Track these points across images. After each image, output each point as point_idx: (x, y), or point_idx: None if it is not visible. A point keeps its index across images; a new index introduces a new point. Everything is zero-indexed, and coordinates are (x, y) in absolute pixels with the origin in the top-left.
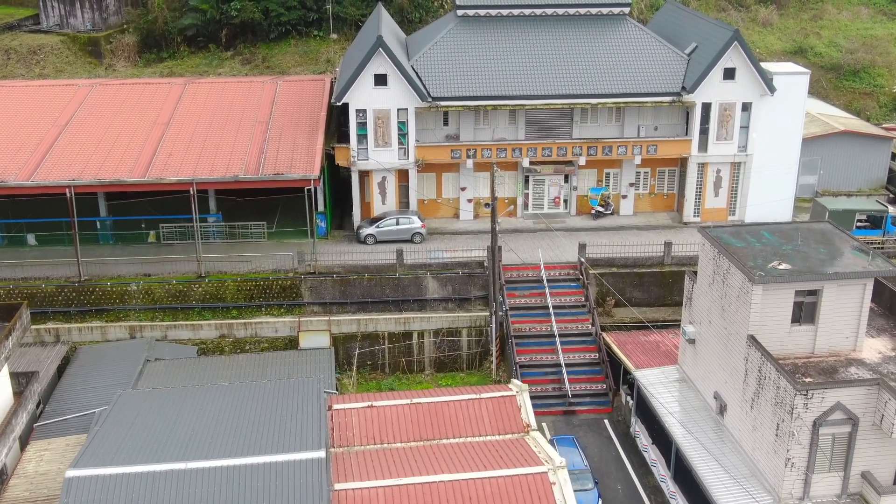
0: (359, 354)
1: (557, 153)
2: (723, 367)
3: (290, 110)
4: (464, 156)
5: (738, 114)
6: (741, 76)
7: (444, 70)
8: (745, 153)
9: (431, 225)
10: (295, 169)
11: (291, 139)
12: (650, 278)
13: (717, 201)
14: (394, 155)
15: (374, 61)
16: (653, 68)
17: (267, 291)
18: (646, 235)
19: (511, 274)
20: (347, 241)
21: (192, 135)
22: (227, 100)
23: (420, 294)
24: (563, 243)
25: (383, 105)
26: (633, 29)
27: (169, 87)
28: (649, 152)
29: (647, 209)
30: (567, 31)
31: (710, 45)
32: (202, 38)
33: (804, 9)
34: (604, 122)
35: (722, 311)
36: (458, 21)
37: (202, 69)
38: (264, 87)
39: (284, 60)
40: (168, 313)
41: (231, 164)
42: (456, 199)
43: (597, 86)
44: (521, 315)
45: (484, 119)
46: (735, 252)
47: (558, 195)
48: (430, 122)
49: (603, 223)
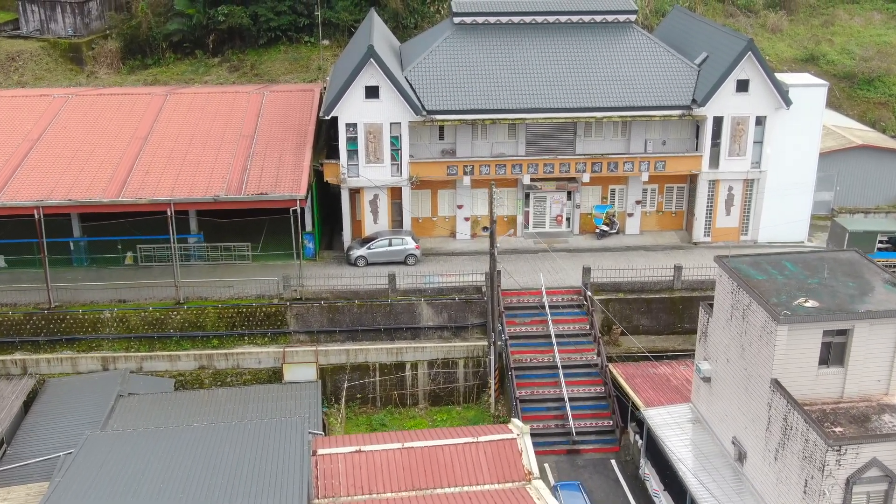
0: (348, 388)
1: (560, 169)
2: (742, 412)
3: (277, 123)
4: (460, 172)
5: (751, 128)
6: (755, 88)
7: (439, 81)
8: (758, 169)
9: (426, 245)
10: (280, 188)
11: (277, 155)
12: (659, 304)
13: (729, 220)
14: (386, 171)
15: (365, 72)
16: (661, 80)
17: (250, 319)
18: (653, 257)
19: (511, 300)
20: (337, 262)
21: (171, 150)
22: (210, 112)
23: (414, 321)
24: (565, 266)
25: (375, 119)
26: (639, 37)
27: (149, 99)
28: (657, 169)
29: (654, 228)
30: (570, 40)
31: (722, 55)
32: (188, 44)
33: (814, 14)
34: (609, 136)
35: (741, 349)
36: (454, 29)
37: (188, 76)
38: (250, 97)
39: (274, 68)
40: (144, 343)
41: (212, 183)
42: (452, 218)
43: (602, 98)
44: (522, 344)
45: (482, 133)
46: (756, 286)
47: (560, 213)
48: (424, 137)
49: (608, 243)
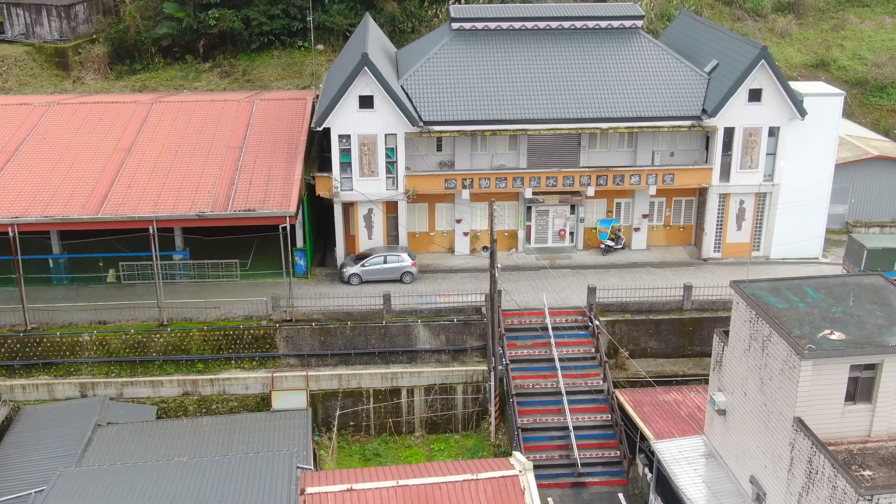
0: (340, 415)
1: (563, 183)
2: (762, 449)
3: (267, 133)
4: (459, 186)
5: (764, 139)
6: (768, 98)
7: (436, 90)
8: (771, 183)
9: (423, 261)
10: (269, 204)
11: (267, 168)
12: (668, 326)
13: (740, 235)
14: (381, 185)
15: (358, 81)
16: (670, 89)
17: (237, 342)
18: (661, 274)
19: (512, 321)
20: (329, 280)
21: (155, 163)
22: (197, 121)
23: (410, 344)
24: (569, 284)
25: (369, 130)
26: (646, 44)
27: (134, 107)
28: (665, 182)
29: (661, 243)
30: (574, 47)
31: (733, 63)
32: (178, 48)
33: (824, 18)
34: (614, 147)
35: (761, 383)
36: (452, 35)
37: (177, 82)
38: (239, 106)
39: (266, 73)
40: (125, 367)
41: (197, 199)
42: (451, 233)
43: (607, 108)
44: (524, 369)
45: (481, 144)
46: (777, 316)
47: (563, 228)
48: (421, 148)
49: (613, 259)
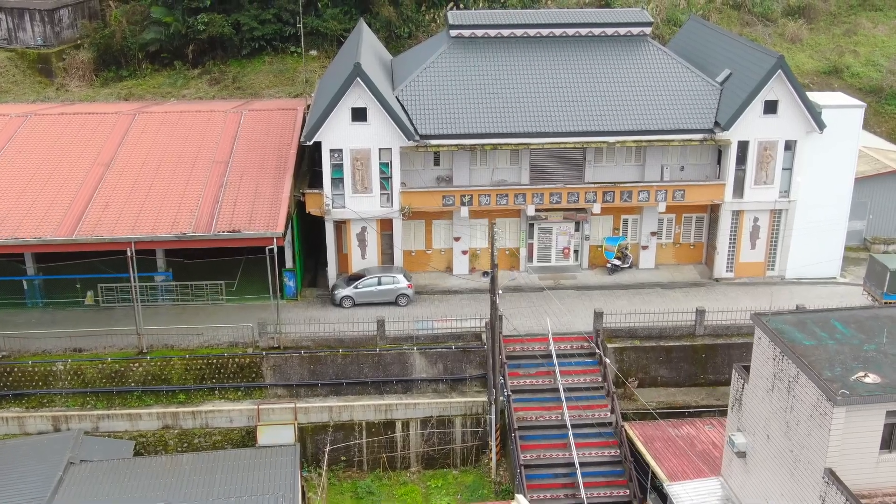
0: (330, 450)
1: (568, 199)
2: (787, 499)
3: (255, 147)
4: (458, 202)
5: (780, 154)
6: (785, 110)
7: (434, 102)
8: (787, 199)
9: (420, 282)
10: (255, 224)
11: (254, 184)
12: (679, 353)
13: (754, 254)
14: (375, 202)
15: (351, 93)
16: (680, 100)
17: (221, 371)
18: (671, 296)
19: (514, 347)
20: (320, 302)
21: (136, 179)
22: (181, 133)
23: (405, 373)
24: (574, 306)
25: (362, 144)
26: (655, 52)
27: (115, 119)
28: (675, 198)
29: (671, 261)
30: (579, 56)
31: (747, 73)
32: (166, 54)
33: (836, 23)
34: (621, 161)
35: (786, 427)
36: (450, 43)
37: (165, 90)
38: (226, 117)
39: (257, 80)
40: (101, 399)
41: (179, 218)
42: (448, 251)
43: (614, 121)
44: (526, 400)
45: (481, 159)
46: (805, 355)
47: (568, 246)
48: (417, 163)
49: (620, 279)
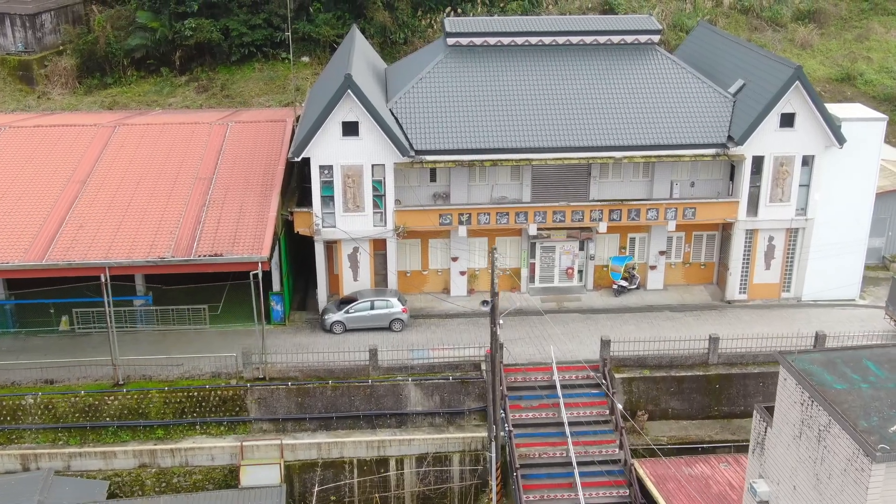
0: (319, 490)
1: (572, 218)
2: None
3: (241, 161)
4: (455, 221)
5: (796, 169)
6: (802, 123)
7: (430, 115)
8: (804, 217)
9: (416, 304)
10: (239, 247)
11: (238, 203)
12: (692, 383)
13: (769, 275)
14: (367, 221)
15: (341, 106)
16: (691, 113)
17: (203, 404)
18: (681, 321)
19: (515, 378)
20: (310, 328)
21: (113, 197)
22: (163, 147)
23: (399, 406)
24: (578, 331)
25: (354, 160)
26: (664, 62)
27: (94, 131)
28: (686, 216)
29: (680, 281)
30: (583, 66)
31: (763, 84)
32: (152, 61)
33: (847, 27)
34: (629, 177)
35: (816, 479)
36: (447, 52)
37: (151, 98)
38: (211, 130)
39: (247, 88)
40: (74, 434)
41: (157, 241)
42: (446, 272)
43: (622, 135)
44: (529, 435)
45: (480, 175)
46: (837, 401)
47: (571, 266)
48: (412, 179)
49: (627, 301)
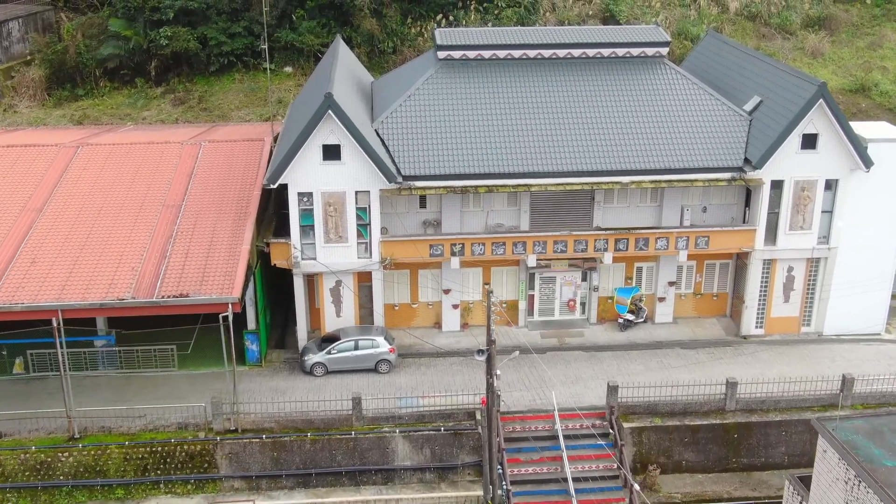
0: None
1: (574, 248)
2: None
3: (214, 186)
4: (447, 252)
5: (819, 194)
6: (826, 145)
7: (419, 136)
8: (826, 246)
9: (404, 341)
10: (207, 286)
11: (209, 234)
12: (707, 433)
13: (788, 308)
14: (351, 252)
15: (322, 128)
16: (704, 133)
17: (167, 460)
18: (693, 359)
19: (513, 427)
20: (288, 369)
21: (71, 227)
22: (130, 169)
23: (386, 461)
24: (582, 371)
25: (336, 187)
26: (673, 76)
27: (55, 153)
28: (699, 246)
29: (690, 313)
30: (586, 81)
31: (782, 102)
32: (126, 71)
33: (858, 34)
34: (636, 202)
35: None
36: (438, 66)
37: (124, 111)
38: (182, 150)
39: (226, 100)
40: (23, 495)
41: (117, 279)
42: (437, 304)
43: (629, 158)
44: (529, 493)
45: (474, 200)
46: (889, 482)
47: (573, 298)
48: (400, 205)
49: (634, 336)
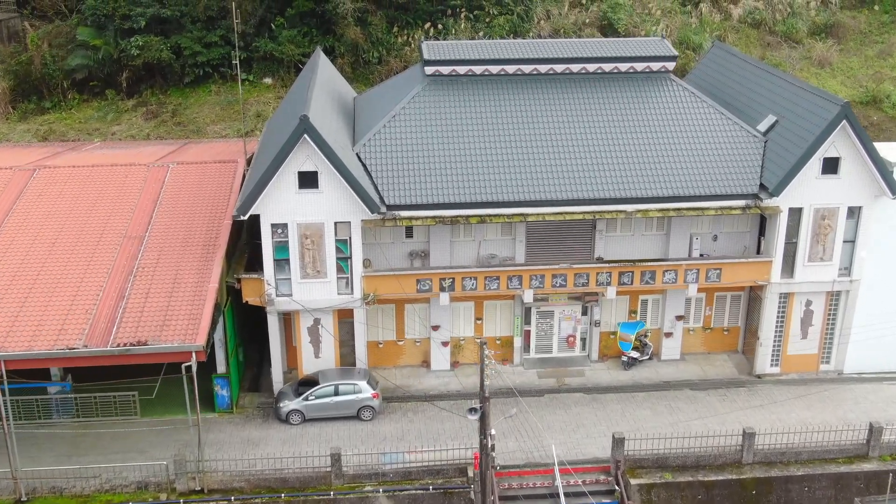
0: None
1: (575, 282)
2: None
3: (181, 214)
4: (436, 287)
5: (841, 223)
6: (848, 169)
7: (404, 160)
8: (848, 278)
9: (390, 380)
10: (169, 332)
11: (173, 270)
12: (723, 490)
13: (806, 345)
14: (330, 288)
15: (297, 153)
16: (716, 156)
17: None
18: (704, 402)
19: (509, 484)
20: (262, 416)
21: (20, 265)
22: (90, 196)
23: None
24: (584, 417)
25: (313, 217)
26: (680, 94)
27: (9, 176)
28: (710, 279)
29: (700, 349)
30: (587, 99)
31: (799, 122)
32: (96, 82)
33: (866, 42)
34: (640, 230)
35: None
36: (425, 82)
37: (93, 125)
38: (148, 174)
39: (201, 114)
40: None
41: (68, 324)
42: (425, 341)
43: (634, 185)
44: None
45: (465, 230)
46: None
47: (573, 333)
48: (384, 235)
49: (638, 375)
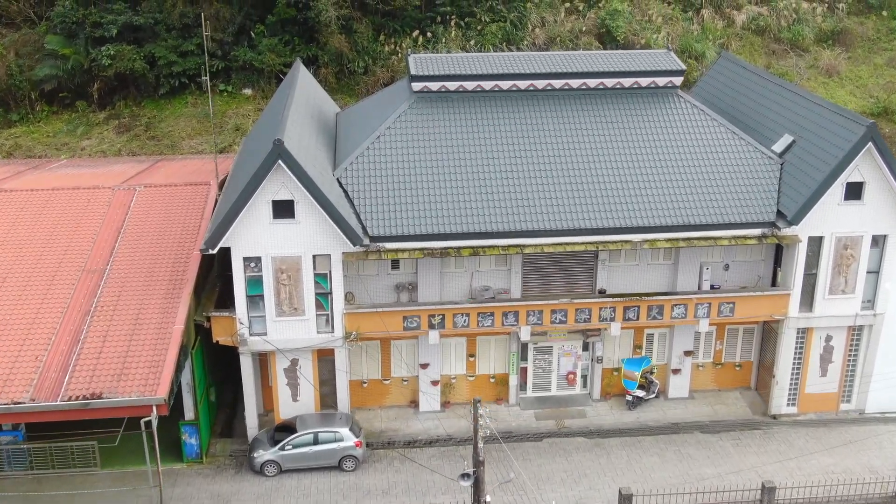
0: None
1: (576, 318)
2: None
3: (146, 243)
4: (425, 324)
5: (864, 253)
6: (873, 195)
7: (389, 186)
8: (871, 312)
9: (375, 424)
10: (127, 383)
11: (135, 309)
12: None
13: (825, 383)
14: (309, 327)
15: (271, 181)
16: (729, 180)
17: None
18: (717, 447)
19: None
20: (234, 466)
21: None
22: (48, 223)
23: None
24: (586, 466)
25: (289, 251)
26: (689, 111)
27: None
28: (722, 313)
29: (710, 386)
30: (588, 118)
31: (819, 142)
32: (66, 94)
33: (875, 49)
34: (646, 260)
35: None
36: (412, 99)
37: (62, 139)
38: (113, 198)
39: (176, 127)
40: None
41: (14, 374)
42: (413, 380)
43: (639, 213)
44: None
45: (456, 260)
46: None
47: (573, 370)
48: (369, 267)
49: (644, 416)
